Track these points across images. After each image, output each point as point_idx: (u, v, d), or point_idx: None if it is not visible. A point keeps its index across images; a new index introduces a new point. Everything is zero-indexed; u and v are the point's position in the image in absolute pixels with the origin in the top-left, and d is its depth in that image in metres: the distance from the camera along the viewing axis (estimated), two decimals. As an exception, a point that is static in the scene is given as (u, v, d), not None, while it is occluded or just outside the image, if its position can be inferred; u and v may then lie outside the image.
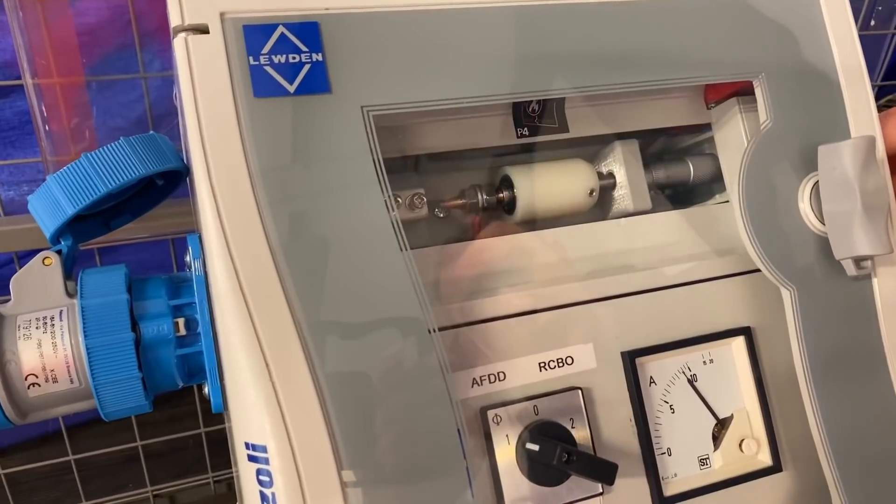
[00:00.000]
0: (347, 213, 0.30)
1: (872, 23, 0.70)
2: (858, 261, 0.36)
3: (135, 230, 0.50)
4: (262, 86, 0.29)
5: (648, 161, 0.42)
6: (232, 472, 0.68)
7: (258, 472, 0.28)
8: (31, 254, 0.37)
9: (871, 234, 0.34)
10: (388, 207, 0.31)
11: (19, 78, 0.49)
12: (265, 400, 0.27)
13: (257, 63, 0.30)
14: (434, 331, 0.31)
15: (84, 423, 0.66)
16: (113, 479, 0.66)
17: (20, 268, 0.35)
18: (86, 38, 0.49)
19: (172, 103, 0.43)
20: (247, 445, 0.28)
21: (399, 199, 0.36)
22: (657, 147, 0.46)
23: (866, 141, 0.35)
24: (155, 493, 0.65)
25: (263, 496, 0.28)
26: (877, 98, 0.80)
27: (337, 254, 0.30)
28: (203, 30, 0.30)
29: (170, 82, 0.55)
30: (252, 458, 0.28)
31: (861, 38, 0.40)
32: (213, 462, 0.67)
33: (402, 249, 0.31)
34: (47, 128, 0.45)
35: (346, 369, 0.29)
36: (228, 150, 0.29)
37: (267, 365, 0.28)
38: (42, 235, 0.36)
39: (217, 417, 0.65)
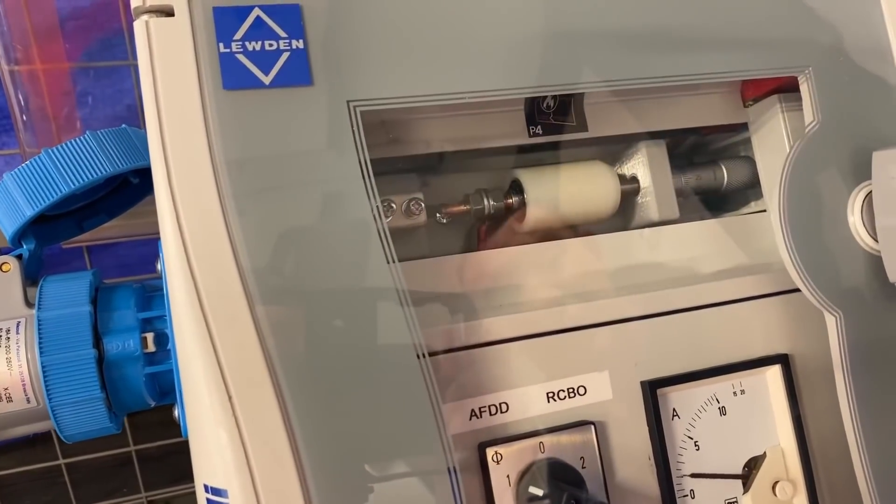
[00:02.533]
0: (328, 221, 0.27)
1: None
2: (916, 284, 0.31)
3: (121, 228, 0.47)
4: (232, 76, 0.26)
5: (676, 164, 0.38)
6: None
7: (218, 523, 0.24)
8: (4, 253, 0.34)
9: (934, 255, 0.30)
10: (374, 215, 0.27)
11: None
12: (228, 439, 0.24)
13: (228, 50, 0.26)
14: (424, 356, 0.27)
15: (78, 425, 0.64)
16: (106, 483, 0.64)
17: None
18: (72, 23, 0.46)
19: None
20: (206, 488, 0.25)
21: (393, 205, 0.32)
22: (686, 149, 0.42)
23: (930, 147, 0.31)
24: (149, 498, 0.63)
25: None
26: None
27: (314, 265, 0.26)
28: (168, 12, 0.26)
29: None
30: (211, 502, 0.24)
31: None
32: (211, 468, 0.65)
33: (389, 261, 0.27)
34: (25, 118, 0.42)
35: (321, 402, 0.25)
36: (192, 148, 0.25)
37: (230, 398, 0.24)
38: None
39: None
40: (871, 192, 0.32)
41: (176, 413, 0.31)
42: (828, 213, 0.33)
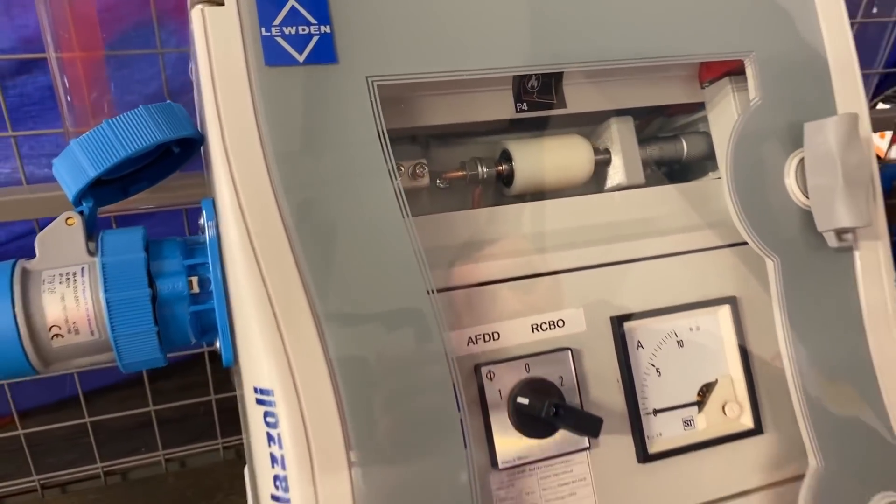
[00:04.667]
0: (352, 180, 0.32)
1: (875, 10, 0.71)
2: (840, 233, 0.37)
3: (149, 200, 0.52)
4: (273, 55, 0.31)
5: (643, 139, 0.44)
6: (241, 439, 0.70)
7: (265, 414, 0.30)
8: (51, 221, 0.39)
9: (852, 208, 0.36)
10: (390, 175, 0.32)
11: (39, 53, 0.51)
12: (272, 347, 0.29)
13: (269, 34, 0.31)
14: (432, 292, 0.33)
15: (100, 389, 0.69)
16: (126, 443, 0.68)
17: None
18: (106, 14, 0.51)
19: (188, 79, 0.45)
20: (255, 390, 0.30)
21: (402, 169, 0.38)
22: (654, 127, 0.48)
23: (850, 118, 0.37)
24: (167, 456, 0.68)
25: (270, 437, 0.30)
26: (880, 84, 0.81)
27: (340, 215, 0.32)
28: (218, 2, 0.31)
29: (185, 59, 0.57)
30: (260, 402, 0.30)
31: (863, 25, 0.41)
32: (223, 430, 0.70)
33: (403, 216, 0.33)
34: (69, 99, 0.47)
35: (348, 322, 0.31)
36: (241, 116, 0.31)
37: (275, 315, 0.30)
38: (60, 204, 0.38)
39: (227, 386, 0.67)
40: (803, 157, 0.38)
41: (218, 344, 0.37)
42: (768, 175, 0.39)
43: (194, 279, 0.37)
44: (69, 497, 0.64)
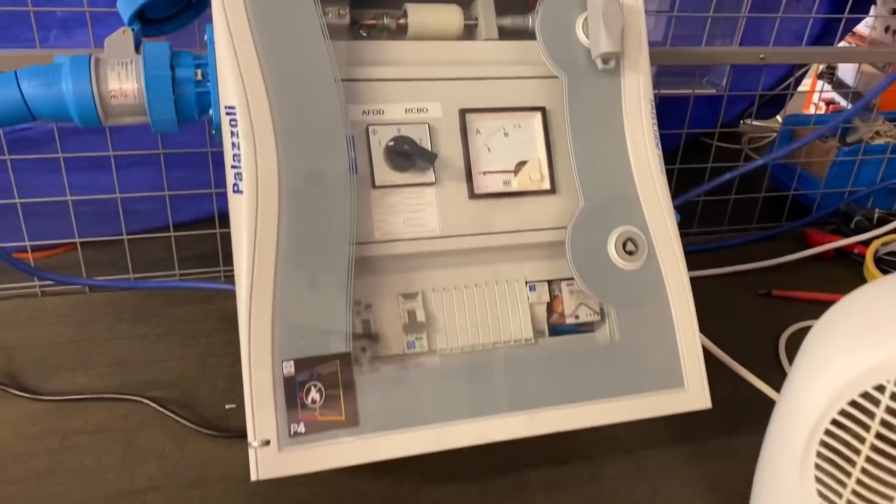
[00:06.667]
0: (297, 19, 0.54)
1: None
2: (604, 59, 0.59)
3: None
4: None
5: (501, 12, 0.65)
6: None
7: (231, 122, 0.52)
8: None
9: (608, 38, 0.58)
10: (318, 15, 0.55)
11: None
12: (237, 85, 0.52)
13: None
14: (338, 80, 0.55)
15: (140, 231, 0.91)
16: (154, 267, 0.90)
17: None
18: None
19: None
20: (226, 108, 0.52)
21: (329, 11, 0.60)
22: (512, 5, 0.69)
23: (611, -12, 0.58)
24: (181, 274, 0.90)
25: (233, 135, 0.52)
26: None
27: (286, 34, 0.54)
28: None
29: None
30: (228, 114, 0.52)
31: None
32: (225, 260, 0.91)
33: (324, 38, 0.55)
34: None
35: (284, 79, 0.53)
36: (228, -43, 0.53)
37: (240, 72, 0.52)
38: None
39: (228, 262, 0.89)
40: (587, 16, 0.60)
41: (211, 112, 0.59)
42: (565, 28, 0.60)
43: (199, 70, 0.59)
44: (104, 293, 0.86)
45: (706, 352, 0.63)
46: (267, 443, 0.49)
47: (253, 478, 0.49)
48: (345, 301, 0.52)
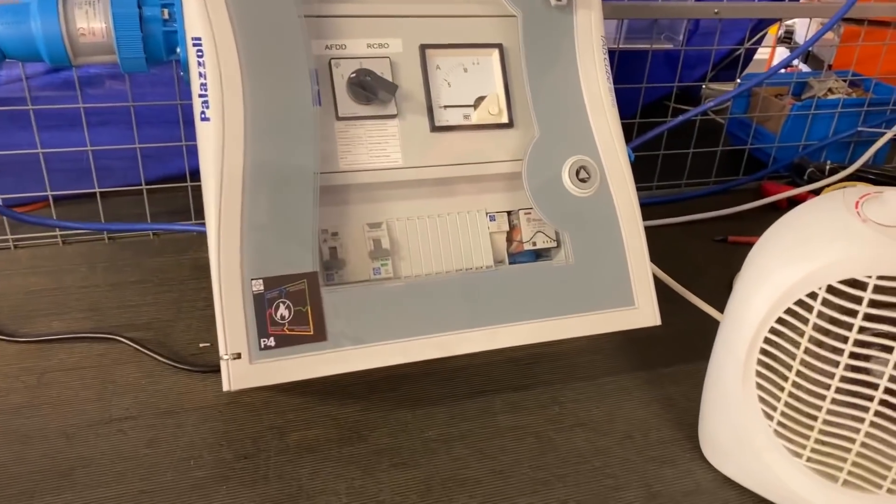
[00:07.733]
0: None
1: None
2: (556, -4, 0.62)
3: None
4: None
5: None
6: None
7: (198, 53, 0.54)
8: None
9: (559, -23, 0.60)
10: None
11: None
12: (203, 18, 0.54)
13: None
14: (301, 15, 0.57)
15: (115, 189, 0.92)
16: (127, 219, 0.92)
17: None
18: None
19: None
20: (192, 39, 0.54)
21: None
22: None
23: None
24: (153, 231, 0.92)
25: (200, 65, 0.54)
26: None
27: None
28: None
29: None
30: (195, 45, 0.54)
31: None
32: (197, 214, 0.93)
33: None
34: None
35: (253, 20, 0.55)
36: None
37: (206, 7, 0.54)
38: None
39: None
40: (541, -45, 0.63)
41: (178, 50, 0.61)
42: (522, -33, 0.63)
43: (166, 10, 0.61)
44: (77, 245, 0.88)
45: (664, 286, 0.66)
46: (238, 356, 0.52)
47: (225, 388, 0.52)
48: (310, 223, 0.55)
